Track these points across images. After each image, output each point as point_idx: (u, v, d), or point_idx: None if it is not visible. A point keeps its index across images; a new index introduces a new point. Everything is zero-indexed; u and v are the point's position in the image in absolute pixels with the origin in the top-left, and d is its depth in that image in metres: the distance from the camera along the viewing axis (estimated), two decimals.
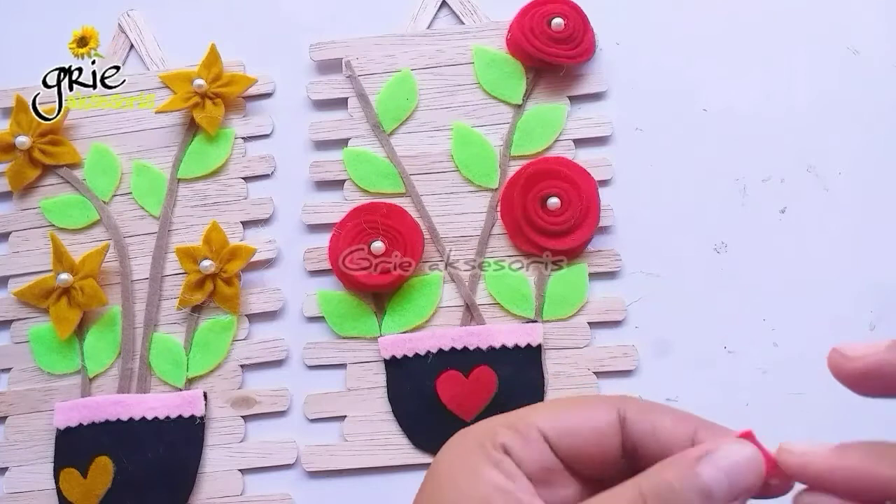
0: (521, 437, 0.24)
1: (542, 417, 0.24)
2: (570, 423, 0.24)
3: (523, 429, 0.24)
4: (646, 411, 0.24)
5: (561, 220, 0.47)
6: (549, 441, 0.24)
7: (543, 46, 0.49)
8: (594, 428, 0.24)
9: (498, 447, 0.23)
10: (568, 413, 0.24)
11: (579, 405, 0.25)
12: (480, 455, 0.23)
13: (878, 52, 0.49)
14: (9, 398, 0.49)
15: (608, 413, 0.24)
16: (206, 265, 0.48)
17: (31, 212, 0.52)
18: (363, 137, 0.51)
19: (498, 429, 0.24)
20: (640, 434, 0.24)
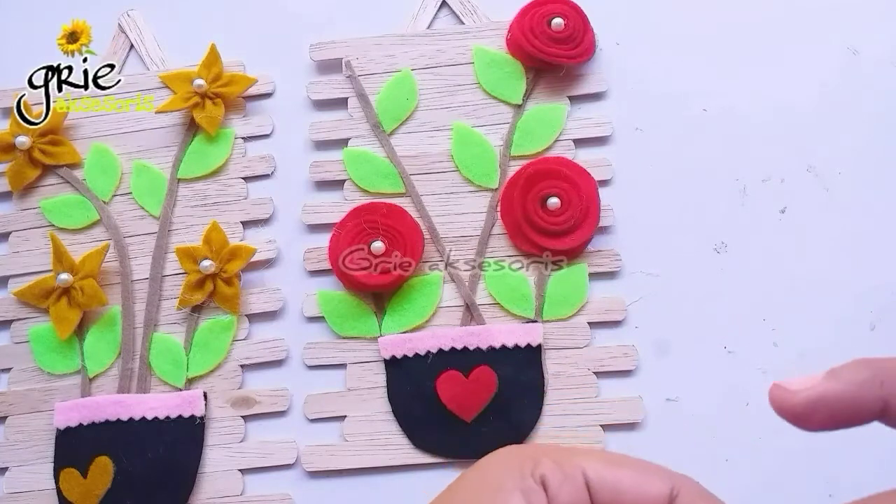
0: (563, 474, 0.23)
1: (592, 463, 0.23)
2: (619, 480, 0.23)
3: (568, 468, 0.23)
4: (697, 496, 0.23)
5: (561, 220, 0.47)
6: (591, 489, 0.23)
7: (543, 46, 0.49)
8: (642, 494, 0.23)
9: (537, 477, 0.23)
10: (620, 470, 0.23)
11: (635, 466, 0.24)
12: (516, 478, 0.23)
13: (878, 52, 0.49)
14: (9, 398, 0.49)
15: (661, 485, 0.23)
16: (206, 265, 0.48)
17: (31, 212, 0.52)
18: (363, 137, 0.51)
19: (543, 459, 0.23)
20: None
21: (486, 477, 0.23)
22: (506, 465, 0.24)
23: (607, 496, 0.23)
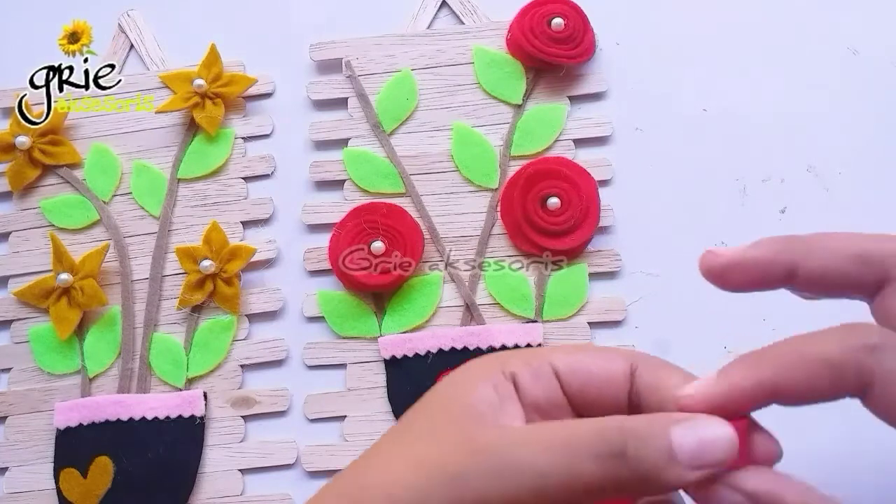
0: (531, 370, 0.25)
1: (557, 356, 0.25)
2: (585, 366, 0.25)
3: (535, 363, 0.25)
4: (656, 367, 0.25)
5: (561, 220, 0.47)
6: (561, 378, 0.25)
7: (543, 46, 0.49)
8: (607, 373, 0.25)
9: (507, 375, 0.25)
10: (584, 356, 0.25)
11: (596, 351, 0.26)
12: (485, 376, 0.25)
13: (878, 52, 0.49)
14: (9, 398, 0.49)
15: (623, 362, 0.25)
16: (206, 265, 0.48)
17: (31, 212, 0.52)
18: (363, 137, 0.51)
19: (511, 360, 0.26)
20: (644, 387, 0.25)
21: (455, 380, 0.26)
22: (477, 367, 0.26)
23: (577, 381, 0.25)
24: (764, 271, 0.25)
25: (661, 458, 0.22)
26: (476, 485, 0.22)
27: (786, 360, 0.22)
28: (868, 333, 0.22)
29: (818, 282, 0.25)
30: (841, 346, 0.22)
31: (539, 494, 0.22)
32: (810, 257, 0.25)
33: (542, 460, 0.22)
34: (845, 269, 0.24)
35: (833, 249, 0.25)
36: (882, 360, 0.21)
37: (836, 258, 0.25)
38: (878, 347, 0.21)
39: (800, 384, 0.22)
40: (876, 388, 0.21)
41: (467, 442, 0.23)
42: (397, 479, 0.23)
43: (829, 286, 0.25)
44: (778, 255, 0.25)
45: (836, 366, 0.21)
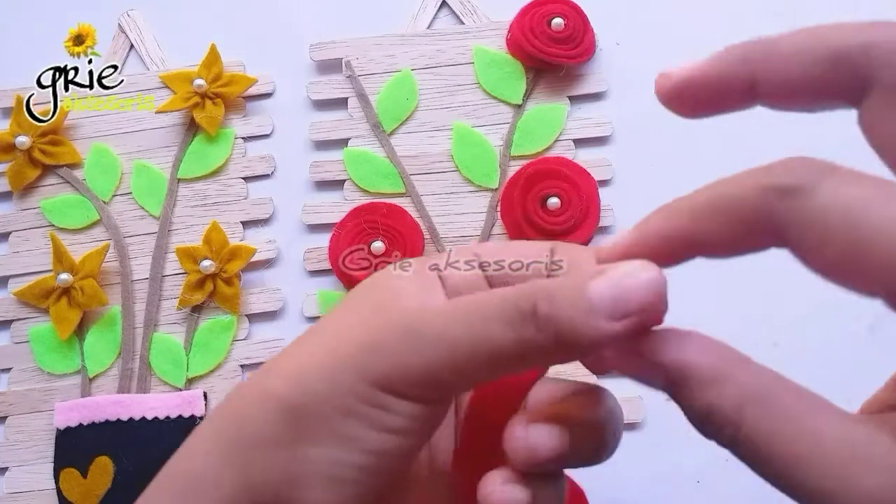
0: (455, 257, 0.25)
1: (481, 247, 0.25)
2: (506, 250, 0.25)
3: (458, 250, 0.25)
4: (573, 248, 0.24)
5: (561, 220, 0.47)
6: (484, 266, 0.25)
7: (543, 46, 0.49)
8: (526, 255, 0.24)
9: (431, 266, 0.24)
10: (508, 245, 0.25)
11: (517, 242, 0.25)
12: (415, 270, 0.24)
13: None
14: (9, 398, 0.49)
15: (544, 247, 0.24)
16: (206, 265, 0.48)
17: (31, 212, 0.52)
18: (363, 137, 0.51)
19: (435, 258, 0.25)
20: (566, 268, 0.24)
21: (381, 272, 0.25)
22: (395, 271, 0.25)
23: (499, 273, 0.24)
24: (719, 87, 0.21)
25: (576, 312, 0.19)
26: (388, 355, 0.21)
27: (701, 207, 0.20)
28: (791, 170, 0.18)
29: (784, 93, 0.21)
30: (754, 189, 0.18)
31: (453, 365, 0.21)
32: (771, 63, 0.20)
33: (454, 328, 0.20)
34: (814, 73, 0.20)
35: (799, 50, 0.20)
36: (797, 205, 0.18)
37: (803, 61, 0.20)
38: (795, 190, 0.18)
39: (715, 233, 0.19)
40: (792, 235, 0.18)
41: (382, 315, 0.22)
42: (306, 358, 0.22)
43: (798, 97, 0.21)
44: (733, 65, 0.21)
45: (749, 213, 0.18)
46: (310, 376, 0.22)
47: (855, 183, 0.18)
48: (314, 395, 0.21)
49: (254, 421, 0.22)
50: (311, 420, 0.21)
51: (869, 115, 0.19)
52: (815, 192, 0.18)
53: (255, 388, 0.23)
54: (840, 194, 0.17)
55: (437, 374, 0.21)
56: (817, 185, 0.18)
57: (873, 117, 0.19)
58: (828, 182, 0.18)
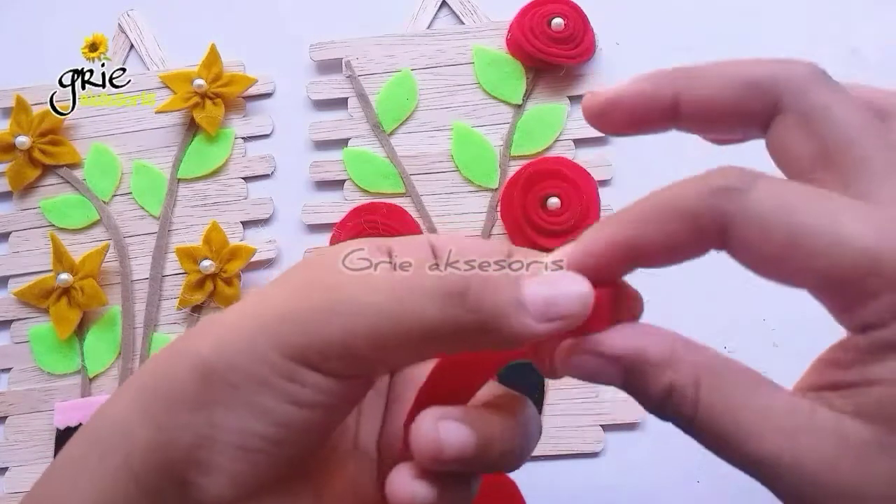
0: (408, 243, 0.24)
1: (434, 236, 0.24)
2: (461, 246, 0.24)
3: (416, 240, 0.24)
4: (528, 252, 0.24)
5: (561, 220, 0.47)
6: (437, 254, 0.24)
7: (543, 46, 0.49)
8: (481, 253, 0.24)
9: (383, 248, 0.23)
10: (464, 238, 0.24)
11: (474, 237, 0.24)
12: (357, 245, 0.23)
13: (878, 52, 0.49)
14: (9, 398, 0.49)
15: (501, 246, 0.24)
16: (206, 265, 0.48)
17: (31, 212, 0.52)
18: (363, 137, 0.51)
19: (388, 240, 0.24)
20: None
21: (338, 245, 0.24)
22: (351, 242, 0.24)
23: None
24: (644, 106, 0.23)
25: (507, 304, 0.20)
26: (305, 324, 0.21)
27: (642, 215, 0.21)
28: (727, 175, 0.20)
29: (703, 115, 0.23)
30: (697, 192, 0.20)
31: (373, 337, 0.20)
32: (693, 86, 0.23)
33: (380, 297, 0.20)
34: (731, 98, 0.22)
35: (719, 76, 0.22)
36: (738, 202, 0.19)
37: (722, 85, 0.22)
38: (735, 190, 0.19)
39: (656, 239, 0.20)
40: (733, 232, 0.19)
41: (307, 284, 0.22)
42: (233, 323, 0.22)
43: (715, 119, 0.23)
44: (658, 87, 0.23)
45: (691, 214, 0.20)
46: (229, 342, 0.21)
47: (786, 184, 0.19)
48: (230, 360, 0.21)
49: (173, 379, 0.22)
50: (225, 385, 0.21)
51: (775, 138, 0.22)
52: (752, 191, 0.19)
53: (182, 346, 0.22)
54: (775, 194, 0.19)
55: (354, 346, 0.20)
56: (752, 185, 0.19)
57: (778, 140, 0.22)
58: (762, 183, 0.19)
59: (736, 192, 0.19)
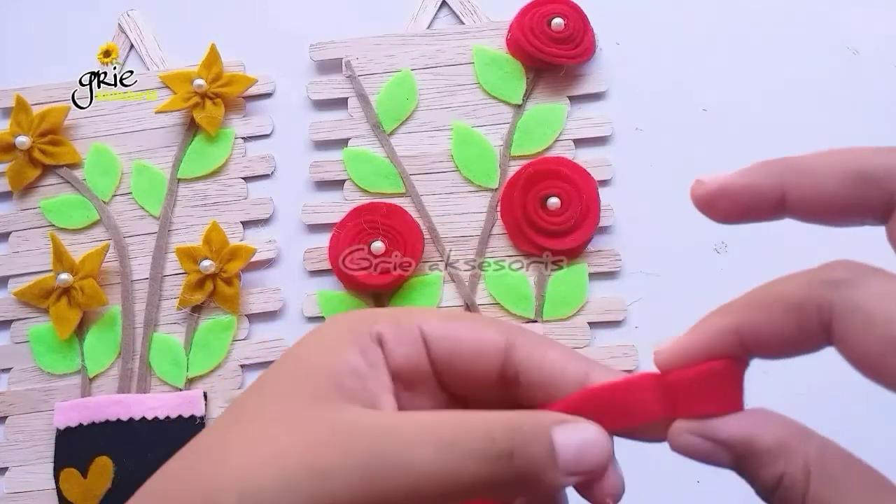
0: (400, 331, 0.23)
1: (428, 320, 0.24)
2: (455, 333, 0.23)
3: (405, 324, 0.23)
4: (538, 343, 0.24)
5: (561, 220, 0.47)
6: (428, 345, 0.23)
7: (543, 46, 0.49)
8: (478, 343, 0.23)
9: (373, 336, 0.23)
10: (456, 323, 0.24)
11: (471, 319, 0.24)
12: (350, 338, 0.23)
13: (878, 52, 0.49)
14: (9, 398, 0.49)
15: (497, 334, 0.23)
16: (206, 265, 0.48)
17: (31, 212, 0.52)
18: (363, 137, 0.51)
19: (379, 318, 0.23)
20: (526, 363, 0.23)
21: (323, 336, 0.23)
22: (343, 324, 0.24)
23: (444, 349, 0.23)
24: (751, 198, 0.22)
25: (543, 460, 0.21)
26: (346, 482, 0.20)
27: (750, 303, 0.21)
28: (834, 268, 0.19)
29: (814, 208, 0.22)
30: (804, 283, 0.20)
31: (413, 493, 0.20)
32: (801, 180, 0.22)
33: (421, 459, 0.20)
34: (842, 191, 0.21)
35: (828, 169, 0.22)
36: (843, 294, 0.19)
37: (831, 179, 0.21)
38: (843, 282, 0.19)
39: (763, 329, 0.20)
40: (836, 324, 0.19)
41: (335, 432, 0.21)
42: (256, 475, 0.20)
43: (827, 213, 0.22)
44: (765, 179, 0.22)
45: (797, 305, 0.19)
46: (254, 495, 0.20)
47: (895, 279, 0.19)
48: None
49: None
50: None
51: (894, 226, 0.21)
52: (860, 284, 0.19)
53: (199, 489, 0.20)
54: (883, 290, 0.18)
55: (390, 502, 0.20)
56: (862, 279, 0.19)
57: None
58: (871, 278, 0.19)
59: (842, 283, 0.19)
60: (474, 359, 0.23)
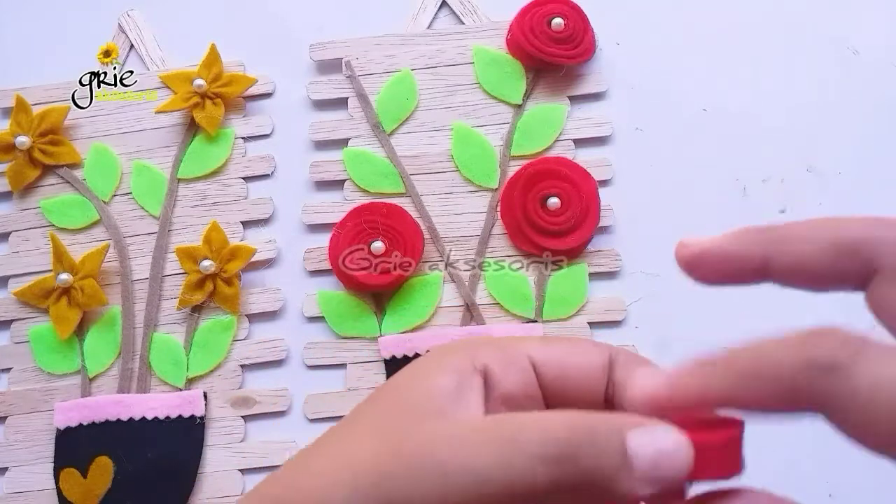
0: (506, 360, 0.23)
1: (533, 346, 0.24)
2: (562, 357, 0.24)
3: (511, 352, 0.24)
4: (632, 363, 0.24)
5: (561, 220, 0.47)
6: (537, 369, 0.23)
7: (543, 46, 0.49)
8: (585, 365, 0.24)
9: (478, 366, 0.23)
10: (561, 347, 0.24)
11: (574, 342, 0.25)
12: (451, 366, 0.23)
13: (878, 52, 0.49)
14: (9, 398, 0.49)
15: (601, 355, 0.24)
16: (206, 265, 0.48)
17: (31, 212, 0.52)
18: (363, 137, 0.51)
19: (483, 348, 0.24)
20: (619, 383, 0.23)
21: (422, 366, 0.24)
22: (445, 355, 0.24)
23: (552, 372, 0.23)
24: (735, 265, 0.23)
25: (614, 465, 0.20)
26: (403, 485, 0.20)
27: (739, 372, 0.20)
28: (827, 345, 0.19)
29: (796, 276, 0.22)
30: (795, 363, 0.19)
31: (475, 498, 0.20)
32: (783, 249, 0.22)
33: (481, 461, 0.20)
34: (823, 260, 0.22)
35: (808, 239, 0.22)
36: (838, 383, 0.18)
37: (812, 249, 0.22)
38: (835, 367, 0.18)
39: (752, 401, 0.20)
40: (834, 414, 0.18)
41: (403, 438, 0.21)
42: (328, 479, 0.21)
43: (809, 280, 0.22)
44: (748, 247, 0.23)
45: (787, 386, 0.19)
46: None
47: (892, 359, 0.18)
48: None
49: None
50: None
51: (875, 295, 0.21)
52: (854, 369, 0.18)
53: None
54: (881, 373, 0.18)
55: None
56: (855, 361, 0.18)
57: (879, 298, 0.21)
58: (865, 358, 0.18)
59: (836, 368, 0.18)
60: (581, 380, 0.23)
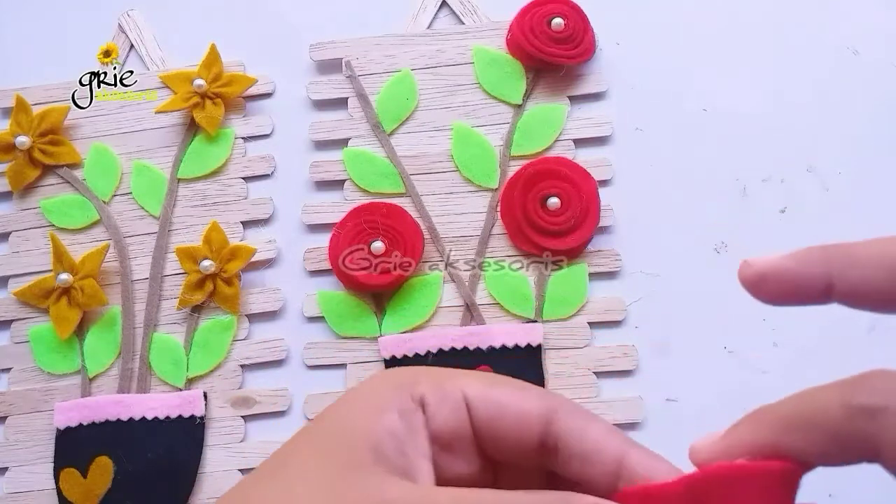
0: (442, 394, 0.23)
1: (472, 384, 0.23)
2: (498, 399, 0.23)
3: (448, 387, 0.23)
4: (580, 416, 0.24)
5: (561, 220, 0.47)
6: (471, 409, 0.23)
7: (543, 46, 0.49)
8: (521, 411, 0.23)
9: (416, 397, 0.23)
10: (499, 389, 0.24)
11: (513, 386, 0.24)
12: (392, 398, 0.23)
13: (878, 52, 0.49)
14: (9, 398, 0.49)
15: (539, 402, 0.23)
16: (206, 265, 0.48)
17: (31, 212, 0.52)
18: (363, 137, 0.51)
19: (423, 379, 0.23)
20: (567, 435, 0.23)
21: (363, 396, 0.23)
22: (384, 384, 0.23)
23: (486, 414, 0.23)
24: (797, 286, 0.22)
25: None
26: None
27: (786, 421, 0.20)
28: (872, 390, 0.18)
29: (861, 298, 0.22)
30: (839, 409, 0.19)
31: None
32: (848, 271, 0.21)
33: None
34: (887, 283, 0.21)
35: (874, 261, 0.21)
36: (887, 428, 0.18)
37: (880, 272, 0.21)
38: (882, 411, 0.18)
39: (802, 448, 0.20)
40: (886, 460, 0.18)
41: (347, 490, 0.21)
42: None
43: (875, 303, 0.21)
44: (811, 267, 0.22)
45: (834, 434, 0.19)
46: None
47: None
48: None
49: None
50: None
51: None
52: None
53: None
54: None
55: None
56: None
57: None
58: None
59: (882, 413, 0.18)
60: (516, 426, 0.23)
